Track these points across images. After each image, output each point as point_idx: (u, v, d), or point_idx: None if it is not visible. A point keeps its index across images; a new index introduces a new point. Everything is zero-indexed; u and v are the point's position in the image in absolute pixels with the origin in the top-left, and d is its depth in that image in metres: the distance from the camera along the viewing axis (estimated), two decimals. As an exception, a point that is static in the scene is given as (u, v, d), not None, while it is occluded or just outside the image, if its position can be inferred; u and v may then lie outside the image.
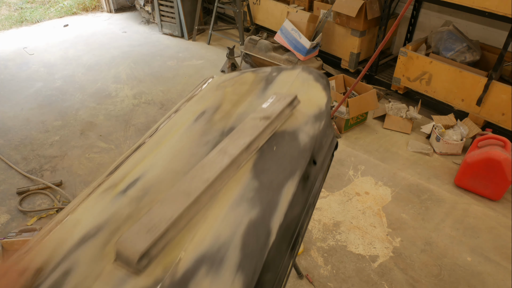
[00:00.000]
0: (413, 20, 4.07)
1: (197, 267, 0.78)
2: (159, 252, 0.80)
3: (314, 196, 1.12)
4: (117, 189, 1.06)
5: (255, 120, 1.11)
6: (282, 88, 1.38)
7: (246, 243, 0.83)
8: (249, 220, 0.88)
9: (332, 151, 1.29)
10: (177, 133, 1.24)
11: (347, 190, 2.82)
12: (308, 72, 1.45)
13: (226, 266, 0.79)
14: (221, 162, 0.97)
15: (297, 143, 1.12)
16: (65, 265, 0.84)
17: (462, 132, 3.18)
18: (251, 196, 0.94)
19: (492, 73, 3.09)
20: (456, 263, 2.30)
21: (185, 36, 5.26)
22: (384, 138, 3.41)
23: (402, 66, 3.65)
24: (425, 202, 2.73)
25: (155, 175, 1.06)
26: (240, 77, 1.53)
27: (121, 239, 0.80)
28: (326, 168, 1.24)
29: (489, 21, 3.50)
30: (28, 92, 3.96)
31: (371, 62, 2.51)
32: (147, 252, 0.77)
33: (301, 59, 3.90)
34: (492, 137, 2.76)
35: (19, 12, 5.88)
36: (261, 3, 4.83)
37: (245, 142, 1.02)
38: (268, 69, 1.54)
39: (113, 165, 1.24)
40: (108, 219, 0.94)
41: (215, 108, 1.33)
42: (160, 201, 0.88)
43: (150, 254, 0.78)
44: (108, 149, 3.21)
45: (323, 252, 2.35)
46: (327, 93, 1.36)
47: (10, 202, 2.65)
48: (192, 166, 1.03)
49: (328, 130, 1.25)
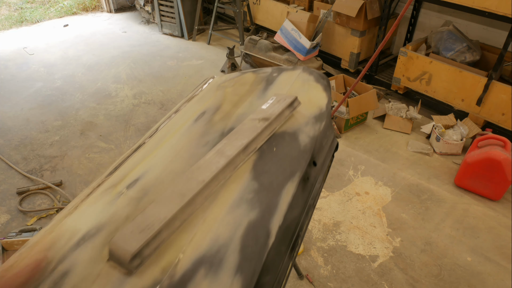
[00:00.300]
0: (413, 20, 4.07)
1: (196, 269, 0.77)
2: (152, 252, 0.79)
3: (314, 197, 1.12)
4: (117, 190, 1.06)
5: (254, 121, 1.11)
6: (282, 88, 1.37)
7: (245, 244, 0.83)
8: (248, 222, 0.88)
9: (332, 152, 1.29)
10: (177, 134, 1.24)
11: (347, 190, 2.82)
12: (309, 73, 1.45)
13: (225, 267, 0.78)
14: (217, 163, 0.97)
15: (297, 144, 1.12)
16: (64, 265, 0.84)
17: (462, 132, 3.18)
18: (250, 197, 0.94)
19: (492, 73, 3.08)
20: (456, 263, 2.30)
21: (185, 36, 5.26)
22: (384, 138, 3.41)
23: (402, 66, 3.65)
24: (425, 202, 2.73)
25: (155, 175, 1.06)
26: (240, 77, 1.52)
27: (114, 239, 0.80)
28: (326, 169, 1.24)
29: (489, 21, 3.50)
30: (28, 92, 3.96)
31: (371, 62, 2.51)
32: (139, 252, 0.77)
33: (301, 59, 3.90)
34: (492, 137, 2.76)
35: (19, 12, 5.88)
36: (261, 3, 4.83)
37: (243, 143, 1.02)
38: (269, 70, 1.54)
39: (113, 165, 1.24)
40: (108, 220, 0.94)
41: (215, 109, 1.32)
42: (155, 202, 0.88)
43: (143, 254, 0.78)
44: (108, 149, 3.21)
45: (323, 252, 2.35)
46: (327, 94, 1.35)
47: (10, 202, 2.65)
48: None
49: (328, 131, 1.25)
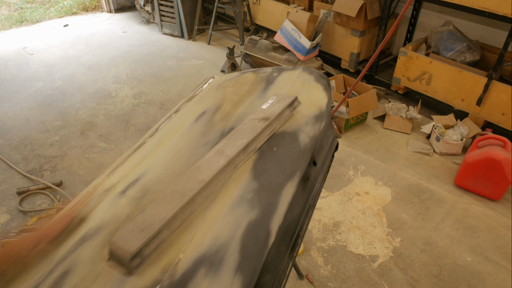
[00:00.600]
0: (413, 20, 4.07)
1: (196, 268, 0.77)
2: (152, 252, 0.79)
3: (314, 197, 1.12)
4: (117, 189, 1.06)
5: (254, 121, 1.11)
6: (282, 88, 1.37)
7: (245, 244, 0.83)
8: (248, 221, 0.88)
9: (332, 152, 1.28)
10: (177, 134, 1.24)
11: (347, 190, 2.82)
12: (309, 73, 1.44)
13: (225, 267, 0.78)
14: (217, 163, 0.96)
15: (297, 144, 1.11)
16: (64, 265, 0.84)
17: (462, 132, 3.18)
18: (250, 197, 0.94)
19: (492, 73, 3.08)
20: (456, 263, 2.30)
21: (185, 36, 5.26)
22: (384, 138, 3.41)
23: (402, 66, 3.65)
24: (425, 202, 2.73)
25: (155, 175, 1.06)
26: (240, 77, 1.52)
27: (115, 238, 0.80)
28: (326, 169, 1.24)
29: (489, 21, 3.50)
30: (28, 92, 3.96)
31: (371, 62, 2.51)
32: (139, 252, 0.77)
33: (301, 59, 3.90)
34: (492, 137, 2.76)
35: (19, 12, 5.88)
36: (261, 3, 4.83)
37: (243, 143, 1.02)
38: (269, 70, 1.53)
39: (113, 165, 1.24)
40: (108, 219, 0.94)
41: (215, 109, 1.32)
42: (155, 201, 0.88)
43: (143, 253, 0.78)
44: (108, 149, 3.21)
45: (323, 252, 2.35)
46: (327, 94, 1.35)
47: (10, 202, 2.65)
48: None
49: (328, 131, 1.24)
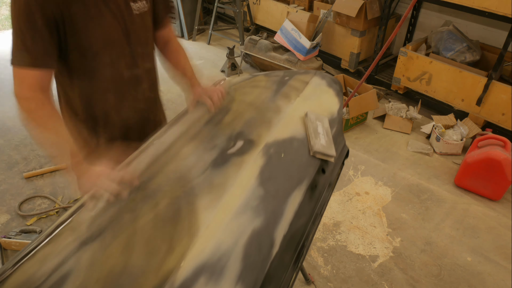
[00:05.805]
0: (413, 20, 4.07)
1: (196, 277, 0.75)
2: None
3: (322, 206, 1.07)
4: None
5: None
6: (294, 93, 1.32)
7: (248, 253, 0.80)
8: (252, 230, 0.84)
9: (342, 159, 1.23)
10: (185, 136, 1.21)
11: (347, 190, 2.82)
12: (321, 77, 1.40)
13: (226, 276, 0.76)
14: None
15: (306, 150, 1.08)
16: (64, 267, 0.83)
17: (462, 132, 3.18)
18: (255, 204, 0.90)
19: (492, 73, 3.08)
20: (456, 263, 2.30)
21: (185, 36, 5.26)
22: (384, 138, 3.40)
23: (402, 66, 3.65)
24: (425, 202, 2.73)
25: (160, 177, 1.04)
26: (251, 80, 1.49)
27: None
28: (335, 176, 1.19)
29: (489, 21, 3.50)
30: (28, 92, 3.95)
31: (374, 64, 2.51)
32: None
33: (301, 59, 3.90)
34: (492, 137, 2.76)
35: (19, 12, 5.87)
36: (261, 3, 4.83)
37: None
38: (281, 73, 1.49)
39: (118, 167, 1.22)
40: (110, 222, 0.93)
41: (225, 112, 1.29)
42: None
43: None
44: (108, 149, 3.20)
45: (323, 252, 2.35)
46: (339, 99, 1.29)
47: (10, 202, 2.65)
48: (199, 170, 0.99)
49: (339, 138, 1.19)
